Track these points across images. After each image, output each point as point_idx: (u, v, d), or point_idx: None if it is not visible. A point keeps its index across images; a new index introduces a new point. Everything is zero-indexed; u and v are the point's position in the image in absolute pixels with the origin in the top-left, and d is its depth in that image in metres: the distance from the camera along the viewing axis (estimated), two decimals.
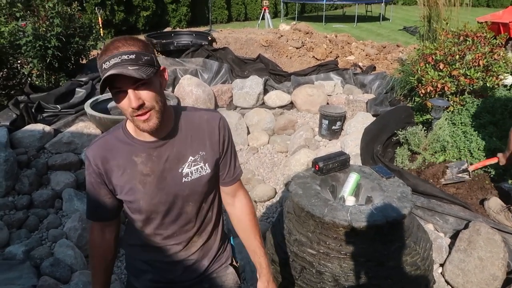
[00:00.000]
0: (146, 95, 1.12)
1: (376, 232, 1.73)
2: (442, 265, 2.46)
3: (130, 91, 1.10)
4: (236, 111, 5.04)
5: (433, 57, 3.81)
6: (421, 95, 3.85)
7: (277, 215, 3.26)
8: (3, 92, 4.63)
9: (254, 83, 5.30)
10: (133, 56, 1.08)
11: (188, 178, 1.28)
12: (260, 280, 1.46)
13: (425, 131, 3.40)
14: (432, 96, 3.70)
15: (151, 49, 1.17)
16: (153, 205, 1.27)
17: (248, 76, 5.57)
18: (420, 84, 3.85)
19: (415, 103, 4.21)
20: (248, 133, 4.72)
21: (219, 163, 1.37)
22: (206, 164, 1.31)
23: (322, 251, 1.76)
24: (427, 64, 3.84)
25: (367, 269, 1.73)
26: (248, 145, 4.60)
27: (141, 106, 1.11)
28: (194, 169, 1.29)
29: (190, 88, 4.99)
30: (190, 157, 1.29)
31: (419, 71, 3.87)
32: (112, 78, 1.07)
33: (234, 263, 1.55)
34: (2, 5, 4.70)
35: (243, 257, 2.87)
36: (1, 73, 4.70)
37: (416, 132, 3.36)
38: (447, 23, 4.37)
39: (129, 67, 1.06)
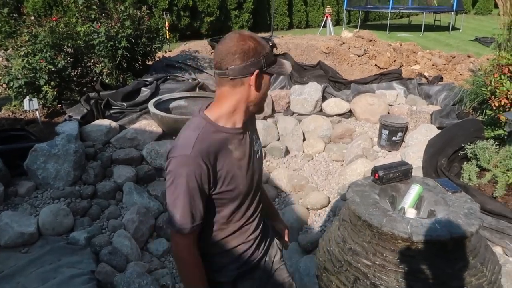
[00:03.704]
0: None
1: (440, 248, 1.62)
2: None
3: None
4: (293, 117, 5.01)
5: (510, 68, 3.54)
6: (494, 108, 3.57)
7: (330, 223, 3.18)
8: (77, 88, 4.98)
9: (312, 89, 5.24)
10: None
11: (258, 155, 1.45)
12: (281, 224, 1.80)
13: (497, 147, 3.15)
14: (507, 110, 3.43)
15: None
16: (248, 187, 1.38)
17: (307, 83, 5.52)
18: (493, 96, 3.58)
19: (486, 116, 3.91)
20: (304, 139, 4.67)
21: None
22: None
23: (378, 262, 1.68)
24: (502, 75, 3.57)
25: (427, 287, 1.61)
26: (303, 152, 4.55)
27: None
28: (258, 145, 1.47)
29: None
30: (254, 136, 1.46)
31: (493, 83, 3.60)
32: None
33: None
34: (80, 8, 5.06)
35: (292, 264, 2.82)
36: (76, 71, 5.06)
37: (487, 147, 3.12)
38: None
39: None
